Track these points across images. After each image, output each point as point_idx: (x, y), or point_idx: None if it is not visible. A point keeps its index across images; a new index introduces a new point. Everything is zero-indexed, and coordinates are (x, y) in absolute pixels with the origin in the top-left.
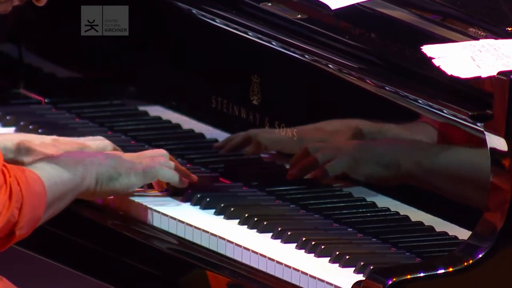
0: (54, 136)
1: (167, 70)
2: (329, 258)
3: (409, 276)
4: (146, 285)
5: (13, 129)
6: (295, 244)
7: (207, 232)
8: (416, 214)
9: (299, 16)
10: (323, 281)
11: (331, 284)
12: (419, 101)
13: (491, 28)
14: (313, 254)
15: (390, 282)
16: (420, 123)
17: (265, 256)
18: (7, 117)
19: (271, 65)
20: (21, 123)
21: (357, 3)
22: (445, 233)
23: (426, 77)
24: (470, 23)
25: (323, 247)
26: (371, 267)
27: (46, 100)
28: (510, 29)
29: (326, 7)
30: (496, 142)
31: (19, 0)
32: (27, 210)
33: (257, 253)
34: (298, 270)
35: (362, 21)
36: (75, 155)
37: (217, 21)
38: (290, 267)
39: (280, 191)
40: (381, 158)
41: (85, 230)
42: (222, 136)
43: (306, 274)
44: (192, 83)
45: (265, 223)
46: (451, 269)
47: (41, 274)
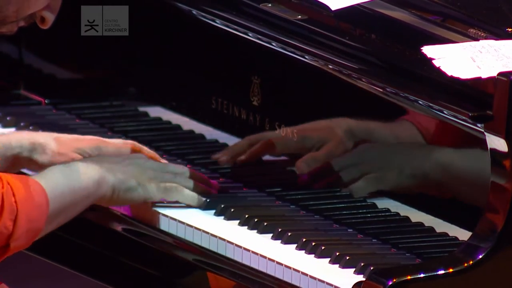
0: (73, 135)
1: (167, 71)
2: (329, 259)
3: (409, 277)
4: (146, 286)
5: (13, 130)
6: (296, 245)
7: (207, 233)
8: (417, 215)
9: (299, 17)
10: (323, 282)
11: (331, 285)
12: (420, 102)
13: (492, 29)
14: (313, 255)
15: (390, 283)
16: (422, 127)
17: (266, 257)
18: (7, 118)
19: (271, 66)
20: (21, 124)
21: (358, 4)
22: (446, 234)
23: (426, 78)
24: (471, 24)
25: (323, 248)
26: (371, 268)
27: (46, 101)
28: (511, 30)
29: (326, 8)
30: (497, 143)
31: (25, 21)
32: (23, 222)
33: (258, 254)
34: (299, 271)
35: (363, 22)
36: (94, 161)
37: (217, 22)
38: (291, 268)
39: (280, 192)
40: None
41: (84, 230)
42: (222, 137)
43: (306, 275)
44: (192, 84)
45: (265, 224)
46: (452, 270)
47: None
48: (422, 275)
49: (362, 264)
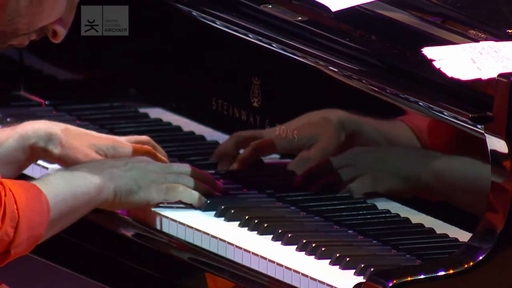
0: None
1: (168, 72)
2: (330, 260)
3: (410, 278)
4: (145, 287)
5: None
6: (296, 246)
7: (208, 234)
8: (417, 216)
9: (300, 18)
10: (324, 283)
11: (332, 286)
12: (420, 103)
13: (492, 30)
14: (314, 256)
15: (391, 284)
16: (422, 128)
17: (266, 258)
18: (8, 119)
19: (272, 67)
20: None
21: (358, 5)
22: (446, 235)
23: (427, 79)
24: (471, 25)
25: (324, 249)
26: (372, 269)
27: (47, 102)
28: (511, 31)
29: (327, 9)
30: (497, 144)
31: (37, 35)
32: (24, 229)
33: (258, 255)
34: (299, 272)
35: (363, 23)
36: (95, 166)
37: (217, 23)
38: (291, 269)
39: (281, 193)
40: (392, 166)
41: (84, 232)
42: (223, 138)
43: (307, 276)
44: (193, 85)
45: (266, 225)
46: (452, 271)
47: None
48: (423, 276)
49: (363, 265)
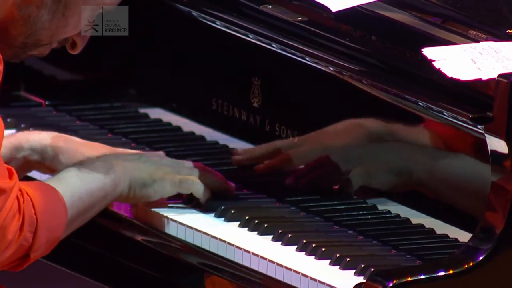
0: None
1: (168, 73)
2: (330, 261)
3: (410, 279)
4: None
5: (13, 132)
6: (296, 247)
7: (208, 235)
8: (417, 217)
9: (300, 18)
10: (324, 283)
11: (332, 286)
12: (420, 104)
13: (492, 31)
14: (314, 257)
15: (391, 285)
16: (422, 128)
17: (266, 259)
18: (8, 120)
19: (272, 68)
20: (22, 126)
21: (358, 6)
22: (446, 236)
23: (427, 80)
24: (471, 26)
25: (324, 250)
26: (372, 269)
27: (47, 103)
28: (511, 32)
29: (327, 10)
30: (497, 145)
31: (58, 43)
32: (42, 233)
33: (258, 256)
34: (299, 273)
35: (363, 24)
36: (109, 160)
37: (218, 24)
38: (291, 270)
39: (281, 194)
40: (393, 165)
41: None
42: (223, 139)
43: (307, 277)
44: (193, 86)
45: (266, 226)
46: (452, 272)
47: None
48: (423, 277)
49: (363, 266)
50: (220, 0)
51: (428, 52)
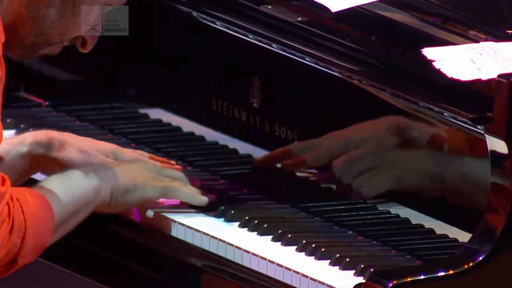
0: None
1: (168, 73)
2: (329, 261)
3: (410, 279)
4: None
5: (13, 132)
6: (295, 247)
7: (208, 235)
8: (417, 217)
9: (299, 19)
10: (323, 284)
11: (332, 287)
12: (420, 104)
13: (492, 31)
14: (313, 257)
15: (391, 285)
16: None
17: (265, 259)
18: (7, 120)
19: (271, 68)
20: (21, 126)
21: (358, 6)
22: (446, 236)
23: (427, 80)
24: (471, 26)
25: (323, 250)
26: (372, 270)
27: (47, 103)
28: (511, 32)
29: (327, 10)
30: (497, 145)
31: (70, 41)
32: (30, 239)
33: (257, 256)
34: (298, 273)
35: (363, 24)
36: (91, 167)
37: (217, 24)
38: (290, 270)
39: (280, 194)
40: (426, 170)
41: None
42: (222, 139)
43: (306, 277)
44: (193, 86)
45: (265, 226)
46: (452, 272)
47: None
48: (422, 277)
49: (362, 266)
50: (220, 1)
51: (428, 53)
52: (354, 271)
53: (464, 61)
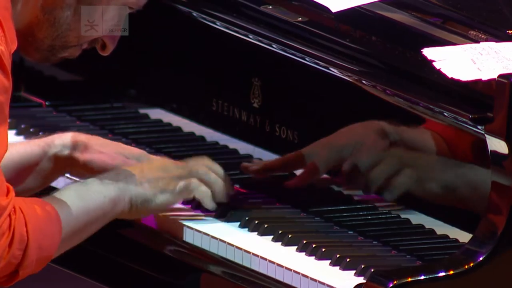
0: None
1: (168, 73)
2: (330, 261)
3: (410, 279)
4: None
5: (14, 132)
6: (296, 247)
7: (208, 235)
8: (417, 217)
9: (300, 19)
10: (324, 284)
11: (332, 287)
12: (420, 104)
13: (492, 31)
14: (314, 257)
15: (391, 285)
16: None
17: (266, 259)
18: (8, 120)
19: (272, 68)
20: (22, 126)
21: (358, 6)
22: (446, 236)
23: (427, 80)
24: (471, 26)
25: (324, 250)
26: (372, 270)
27: (47, 103)
28: (511, 32)
29: (327, 10)
30: (497, 145)
31: (89, 44)
32: (33, 252)
33: (258, 256)
34: (299, 273)
35: (363, 24)
36: (110, 177)
37: (218, 24)
38: (291, 270)
39: (281, 194)
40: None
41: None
42: (223, 139)
43: (307, 277)
44: (193, 86)
45: (266, 226)
46: (452, 272)
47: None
48: (423, 277)
49: (363, 266)
50: (220, 1)
51: (428, 53)
52: (355, 271)
53: (465, 61)
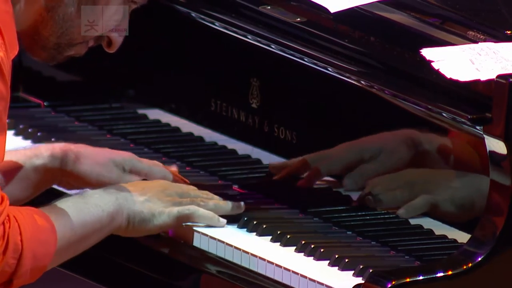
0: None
1: (167, 73)
2: (329, 261)
3: (409, 279)
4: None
5: (12, 132)
6: (294, 247)
7: (206, 235)
8: (415, 218)
9: (299, 19)
10: (322, 284)
11: (330, 287)
12: (419, 104)
13: (490, 32)
14: (312, 257)
15: (390, 285)
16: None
17: (264, 259)
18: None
19: (270, 68)
20: (20, 126)
21: (357, 6)
22: (445, 236)
23: (426, 80)
24: (469, 27)
25: (322, 250)
26: (371, 270)
27: (45, 104)
28: (509, 33)
29: (326, 10)
30: (496, 145)
31: (94, 41)
32: (28, 261)
33: (256, 256)
34: (297, 273)
35: (362, 25)
36: (110, 192)
37: (217, 24)
38: (289, 270)
39: (279, 194)
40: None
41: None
42: (221, 139)
43: (305, 277)
44: (191, 86)
45: (264, 226)
46: (451, 272)
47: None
48: (421, 278)
49: (361, 267)
50: (219, 1)
51: (427, 53)
52: (353, 272)
53: (463, 62)
